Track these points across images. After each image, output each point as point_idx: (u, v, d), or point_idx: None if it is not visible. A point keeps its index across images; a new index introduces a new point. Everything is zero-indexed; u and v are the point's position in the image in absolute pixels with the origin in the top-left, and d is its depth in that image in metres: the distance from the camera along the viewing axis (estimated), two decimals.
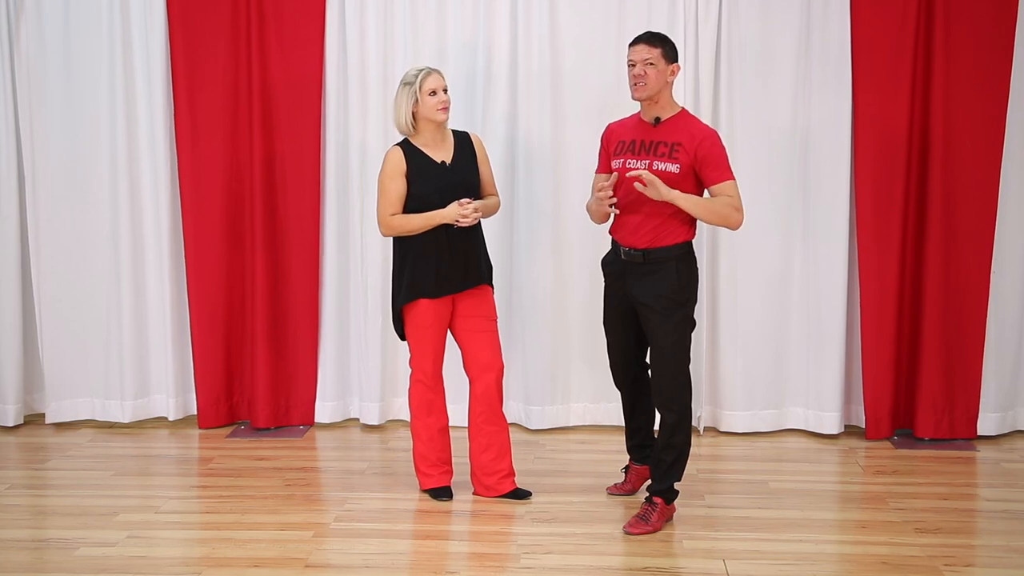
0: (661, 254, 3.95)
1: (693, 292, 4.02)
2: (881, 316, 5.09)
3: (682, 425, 4.00)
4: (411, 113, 4.15)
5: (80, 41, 5.22)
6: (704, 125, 4.00)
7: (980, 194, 5.02)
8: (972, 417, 5.15)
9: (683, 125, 3.96)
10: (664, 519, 4.05)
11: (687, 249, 3.98)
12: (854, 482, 4.64)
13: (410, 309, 4.22)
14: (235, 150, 5.29)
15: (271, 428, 5.36)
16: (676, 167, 3.89)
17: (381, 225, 4.20)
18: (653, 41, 3.95)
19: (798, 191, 5.15)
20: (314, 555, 3.78)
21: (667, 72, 3.95)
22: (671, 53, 3.97)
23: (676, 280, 3.94)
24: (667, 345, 3.97)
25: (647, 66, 3.92)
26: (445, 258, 4.18)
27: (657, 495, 4.05)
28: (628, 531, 3.99)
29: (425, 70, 4.17)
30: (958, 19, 4.94)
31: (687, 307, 3.98)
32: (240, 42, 5.21)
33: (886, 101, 5.01)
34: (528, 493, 4.39)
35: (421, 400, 4.31)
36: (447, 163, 4.23)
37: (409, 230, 4.16)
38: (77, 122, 5.27)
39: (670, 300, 3.95)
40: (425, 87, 4.14)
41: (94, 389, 5.43)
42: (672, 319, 3.95)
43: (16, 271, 5.34)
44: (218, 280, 5.33)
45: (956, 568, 3.65)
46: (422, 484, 4.39)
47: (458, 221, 4.13)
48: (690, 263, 4.00)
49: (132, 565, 3.69)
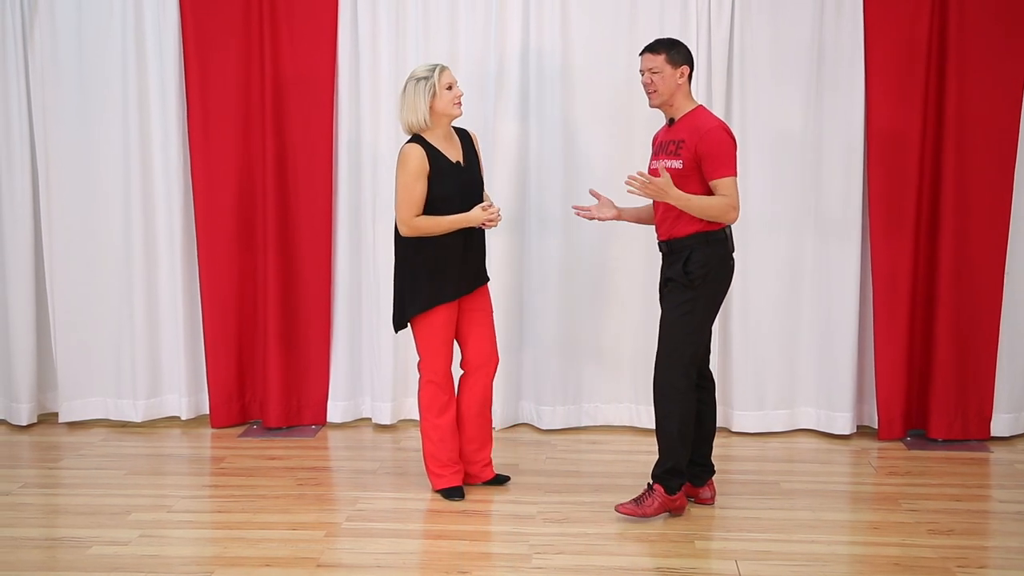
0: (677, 244, 4.04)
1: (706, 281, 4.01)
2: (894, 316, 5.07)
3: (665, 406, 4.05)
4: (428, 108, 4.14)
5: (93, 40, 5.24)
6: (712, 120, 4.01)
7: (993, 195, 5.00)
8: (985, 418, 5.13)
9: (691, 122, 4.02)
10: (663, 509, 4.07)
11: (703, 239, 4.00)
12: (866, 483, 4.62)
13: (428, 315, 4.22)
14: (247, 149, 5.30)
15: (283, 428, 5.37)
16: (679, 163, 3.98)
17: (404, 226, 4.14)
18: (656, 48, 4.05)
19: (810, 192, 5.14)
20: (326, 555, 3.78)
21: (675, 76, 4.03)
22: (676, 56, 4.02)
23: (683, 264, 4.00)
24: (665, 323, 4.08)
25: (653, 75, 4.04)
26: (462, 261, 4.20)
27: (656, 481, 4.10)
28: (617, 509, 4.08)
29: (439, 66, 4.17)
30: (971, 20, 4.92)
31: (694, 293, 4.00)
32: (252, 41, 5.23)
33: (899, 102, 4.99)
34: (507, 478, 4.51)
35: (433, 400, 4.31)
36: (461, 163, 4.23)
37: (435, 232, 4.14)
38: (90, 121, 5.29)
39: (676, 283, 4.04)
40: (443, 81, 4.14)
41: (107, 388, 5.45)
42: (675, 300, 4.04)
43: (30, 271, 5.36)
44: (230, 279, 5.35)
45: (969, 569, 3.64)
46: (434, 484, 4.39)
47: (485, 224, 4.16)
48: (708, 254, 4.01)
49: (144, 564, 3.70)
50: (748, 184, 5.09)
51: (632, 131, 5.05)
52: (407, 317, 4.25)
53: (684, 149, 3.97)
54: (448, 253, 4.17)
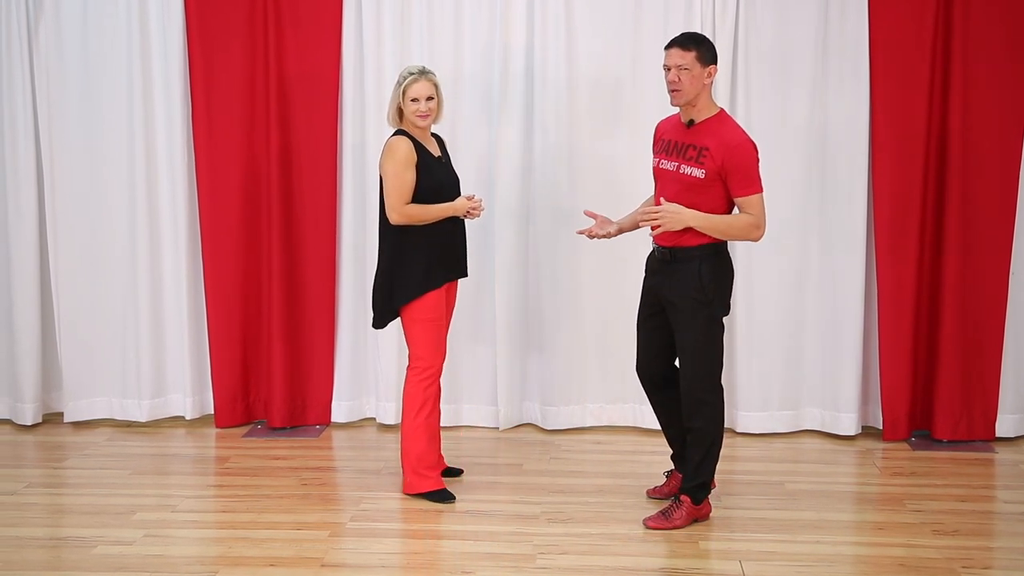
0: (685, 253, 3.91)
1: (721, 294, 3.96)
2: (898, 316, 5.06)
3: (708, 426, 3.99)
4: (397, 111, 4.21)
5: (98, 39, 5.24)
6: (739, 131, 3.88)
7: (999, 193, 4.98)
8: (990, 419, 5.12)
9: (716, 129, 3.86)
10: (690, 519, 4.04)
11: (713, 250, 3.91)
12: (871, 483, 4.62)
13: (419, 304, 4.21)
14: (251, 148, 5.29)
15: (287, 427, 5.37)
16: (702, 172, 3.83)
17: (394, 213, 4.15)
18: (688, 44, 3.83)
19: (815, 190, 5.13)
20: (330, 555, 3.78)
21: (703, 75, 3.82)
22: (707, 55, 3.83)
23: (699, 279, 3.89)
24: (689, 343, 3.95)
25: (681, 71, 3.81)
26: (451, 248, 4.28)
27: (685, 493, 4.05)
28: (646, 524, 4.02)
29: (414, 75, 4.17)
30: (976, 18, 4.90)
31: (712, 307, 3.93)
32: (257, 39, 5.21)
33: (904, 99, 4.97)
34: (460, 471, 4.58)
35: (429, 396, 4.29)
36: (441, 159, 4.31)
37: (424, 219, 4.19)
38: (95, 120, 5.29)
39: (694, 299, 3.92)
40: (408, 94, 4.16)
41: (111, 388, 5.45)
42: (696, 318, 3.92)
43: (34, 270, 5.36)
44: (235, 279, 5.34)
45: (974, 570, 3.64)
46: (419, 487, 4.32)
47: (469, 213, 4.25)
48: (717, 264, 3.94)
49: (149, 564, 3.70)
50: None
51: (637, 132, 5.04)
52: (396, 305, 4.23)
53: (708, 159, 3.81)
54: (438, 240, 4.22)
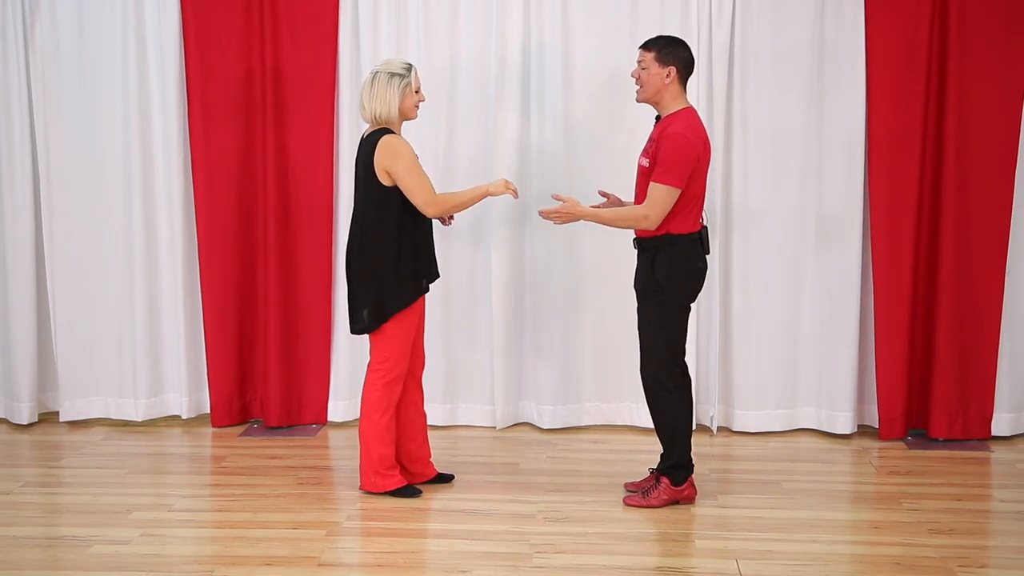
0: (647, 243, 4.12)
1: (673, 284, 4.07)
2: (895, 315, 5.07)
3: (664, 418, 4.16)
4: (398, 106, 4.14)
5: (94, 37, 5.24)
6: (685, 126, 4.01)
7: (995, 194, 5.00)
8: (986, 418, 5.13)
9: (671, 122, 4.05)
10: (669, 500, 4.18)
11: (668, 241, 4.05)
12: (867, 482, 4.62)
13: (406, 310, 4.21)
14: (248, 147, 5.29)
15: (284, 427, 5.37)
16: (647, 161, 4.07)
17: (429, 207, 4.12)
18: (648, 45, 4.10)
19: (811, 191, 5.14)
20: (326, 554, 3.78)
21: (662, 75, 4.04)
22: (666, 56, 4.04)
23: (651, 267, 4.08)
24: (640, 327, 4.18)
25: (641, 70, 4.09)
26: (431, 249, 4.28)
27: (662, 473, 4.20)
28: (625, 502, 4.20)
29: (412, 65, 4.18)
30: (972, 19, 4.92)
31: (663, 295, 4.07)
32: (253, 38, 5.21)
33: (900, 99, 4.98)
34: (451, 477, 4.53)
35: (392, 400, 4.29)
36: None
37: (458, 204, 4.22)
38: (91, 119, 5.29)
39: (644, 286, 4.14)
40: (416, 83, 4.17)
41: (107, 387, 5.45)
42: (647, 304, 4.14)
43: (30, 269, 5.36)
44: (231, 278, 5.34)
45: (970, 569, 3.64)
46: (384, 487, 4.31)
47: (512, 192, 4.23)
48: (674, 255, 4.06)
49: (145, 563, 3.70)
50: (749, 183, 5.12)
51: (633, 127, 5.04)
52: (391, 313, 4.19)
53: (653, 147, 4.04)
54: (423, 245, 4.22)
